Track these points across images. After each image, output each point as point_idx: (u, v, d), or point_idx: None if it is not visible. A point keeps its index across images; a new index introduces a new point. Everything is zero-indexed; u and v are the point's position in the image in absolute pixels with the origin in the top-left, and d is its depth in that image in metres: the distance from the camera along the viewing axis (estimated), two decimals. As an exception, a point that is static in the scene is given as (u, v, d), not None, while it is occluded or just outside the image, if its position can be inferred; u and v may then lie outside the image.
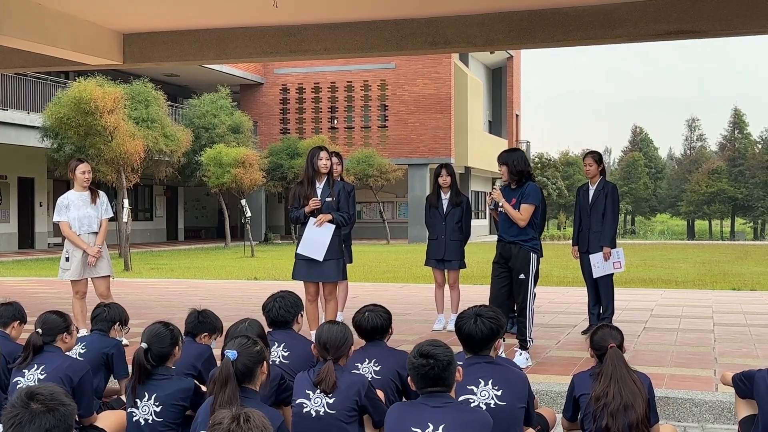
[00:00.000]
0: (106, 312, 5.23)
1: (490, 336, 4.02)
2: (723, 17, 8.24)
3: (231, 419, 2.59)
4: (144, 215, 36.38)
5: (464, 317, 4.07)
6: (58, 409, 2.52)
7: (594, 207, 8.38)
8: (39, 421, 2.48)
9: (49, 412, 2.50)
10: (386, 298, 11.25)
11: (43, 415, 2.49)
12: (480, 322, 4.00)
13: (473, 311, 4.08)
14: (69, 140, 21.65)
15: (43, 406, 2.51)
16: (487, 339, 4.02)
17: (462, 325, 4.05)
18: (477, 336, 4.00)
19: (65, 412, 2.54)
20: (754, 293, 12.93)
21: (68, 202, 7.91)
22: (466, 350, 4.10)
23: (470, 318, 4.04)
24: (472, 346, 4.05)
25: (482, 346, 4.03)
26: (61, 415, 2.52)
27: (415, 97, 36.55)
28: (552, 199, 59.82)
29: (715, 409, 5.65)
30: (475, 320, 4.01)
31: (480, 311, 4.07)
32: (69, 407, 2.56)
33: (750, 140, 77.20)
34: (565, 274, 16.35)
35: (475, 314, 4.05)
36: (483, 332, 4.00)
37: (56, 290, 13.19)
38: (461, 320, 4.08)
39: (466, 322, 4.03)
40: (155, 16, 9.39)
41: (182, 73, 34.45)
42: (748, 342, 8.00)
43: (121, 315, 5.31)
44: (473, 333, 4.00)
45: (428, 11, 8.97)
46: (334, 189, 7.43)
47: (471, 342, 4.04)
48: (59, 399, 2.56)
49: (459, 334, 4.08)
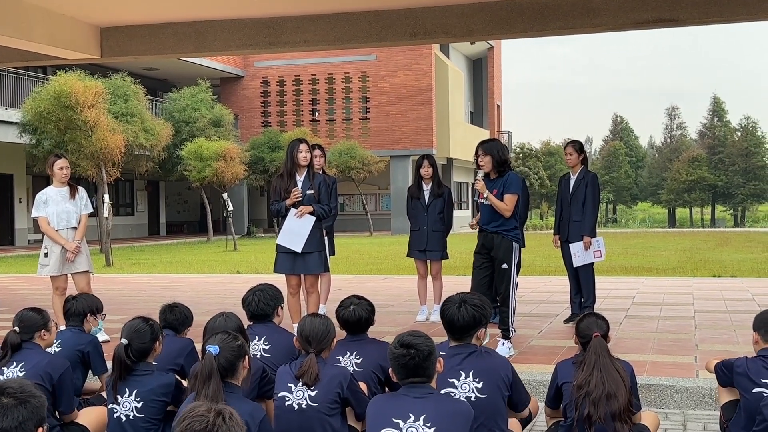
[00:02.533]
0: (75, 305, 5.15)
1: (471, 323, 4.01)
2: (700, 5, 8.28)
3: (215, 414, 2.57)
4: (125, 210, 36.17)
5: (450, 302, 4.07)
6: (30, 401, 2.52)
7: (574, 196, 8.41)
8: (11, 414, 2.47)
9: (21, 404, 2.50)
10: (369, 290, 11.25)
11: (15, 408, 2.48)
12: (464, 309, 4.00)
13: (459, 297, 4.08)
14: (48, 135, 21.48)
15: (14, 399, 2.51)
16: (468, 326, 4.02)
17: (446, 309, 4.05)
18: (458, 322, 4.00)
19: (36, 404, 2.54)
20: (735, 280, 13.03)
21: (47, 198, 7.85)
22: (449, 336, 4.10)
23: (455, 303, 4.04)
24: (453, 331, 4.06)
25: (463, 332, 4.03)
26: (33, 407, 2.52)
27: (396, 88, 36.51)
28: (534, 189, 59.98)
29: (696, 396, 5.70)
30: (459, 306, 4.01)
31: (465, 297, 4.07)
32: (40, 399, 2.56)
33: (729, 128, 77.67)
34: (548, 264, 16.41)
35: (460, 300, 4.04)
36: (465, 319, 3.99)
37: (37, 287, 13.09)
38: (446, 305, 4.07)
39: (450, 307, 4.04)
40: (133, 9, 9.32)
41: (161, 66, 34.23)
42: (729, 328, 8.06)
43: (92, 304, 5.21)
44: (455, 319, 4.01)
45: (408, 2, 8.96)
46: (315, 181, 7.42)
47: (452, 328, 4.04)
48: (29, 391, 2.56)
49: (442, 318, 4.09)
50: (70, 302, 5.20)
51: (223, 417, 2.56)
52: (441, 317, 4.12)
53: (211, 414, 2.56)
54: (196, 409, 2.59)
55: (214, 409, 2.57)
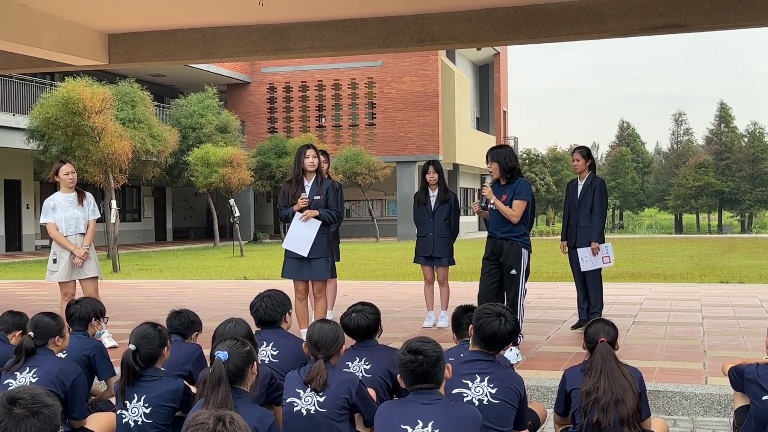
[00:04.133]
0: (78, 310, 5.16)
1: (512, 337, 4.01)
2: (708, 11, 8.27)
3: (215, 420, 2.57)
4: (132, 216, 36.23)
5: (488, 314, 3.99)
6: (42, 411, 2.49)
7: (582, 202, 8.40)
8: (24, 425, 2.44)
9: (33, 415, 2.47)
10: (376, 296, 11.24)
11: (27, 420, 2.45)
12: (506, 323, 3.96)
13: (496, 310, 4.01)
14: (56, 141, 21.52)
15: (27, 410, 2.47)
16: (508, 340, 4.01)
17: (487, 322, 3.96)
18: (501, 336, 3.95)
19: (49, 413, 2.51)
20: (742, 286, 12.99)
21: (55, 204, 7.87)
22: (480, 346, 4.02)
23: (495, 317, 3.96)
24: (491, 344, 3.98)
25: (501, 345, 4.00)
26: (46, 417, 2.49)
27: (402, 94, 36.53)
28: (540, 195, 59.93)
29: (705, 402, 5.67)
30: (500, 320, 3.95)
31: (502, 311, 4.00)
32: (53, 408, 2.53)
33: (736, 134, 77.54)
34: (555, 270, 16.38)
35: (498, 313, 3.98)
36: (507, 332, 3.96)
37: (45, 292, 13.11)
38: (486, 317, 3.98)
39: (491, 321, 3.95)
40: (140, 16, 9.35)
41: (168, 73, 34.32)
42: (737, 334, 8.03)
43: (95, 308, 5.22)
44: (498, 333, 3.95)
45: (414, 8, 8.96)
46: (323, 187, 7.43)
47: (493, 341, 3.97)
48: (42, 401, 2.52)
49: (480, 330, 3.98)
50: (74, 307, 5.21)
51: (224, 422, 2.56)
52: (478, 329, 4.00)
53: (211, 420, 2.56)
54: (197, 418, 2.60)
55: (214, 416, 2.57)
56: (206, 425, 2.53)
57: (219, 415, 2.58)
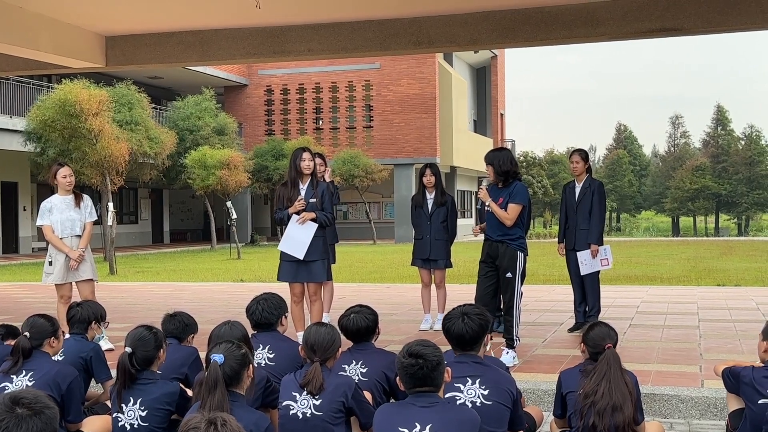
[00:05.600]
0: (79, 312, 5.17)
1: (480, 333, 4.04)
2: (704, 14, 8.28)
3: (207, 423, 2.57)
4: (129, 218, 36.19)
5: (451, 318, 4.08)
6: (44, 412, 2.52)
7: (581, 204, 8.41)
8: (26, 425, 2.47)
9: (36, 415, 2.50)
10: (373, 299, 11.24)
11: (29, 419, 2.48)
12: (468, 320, 4.02)
13: (459, 311, 4.09)
14: (53, 143, 21.50)
15: (29, 410, 2.50)
16: (477, 336, 4.04)
17: (451, 325, 4.05)
18: (468, 335, 4.01)
19: (50, 415, 2.53)
20: (739, 289, 13.00)
21: (51, 206, 7.86)
22: (456, 350, 4.10)
23: (458, 318, 4.04)
24: (463, 345, 4.06)
25: (473, 343, 4.05)
26: (47, 418, 2.52)
27: (399, 97, 36.56)
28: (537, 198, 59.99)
29: (701, 405, 5.68)
30: (463, 319, 4.02)
31: (465, 310, 4.08)
32: (53, 410, 2.56)
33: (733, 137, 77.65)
34: (551, 272, 16.39)
35: (461, 313, 4.06)
36: (473, 329, 4.01)
37: (41, 295, 13.10)
38: (449, 321, 4.08)
39: (454, 323, 4.04)
40: (138, 19, 9.34)
41: (166, 75, 34.31)
42: (733, 337, 8.04)
43: (96, 312, 5.23)
44: (463, 332, 4.02)
45: (412, 11, 8.97)
46: (318, 189, 7.43)
47: (462, 341, 4.05)
48: (44, 402, 2.55)
49: (448, 334, 4.08)
50: (75, 309, 5.21)
51: (215, 425, 2.56)
52: (446, 334, 4.11)
53: (203, 424, 2.56)
54: (189, 422, 2.60)
55: (206, 419, 2.57)
56: (198, 429, 2.54)
57: (211, 418, 2.58)
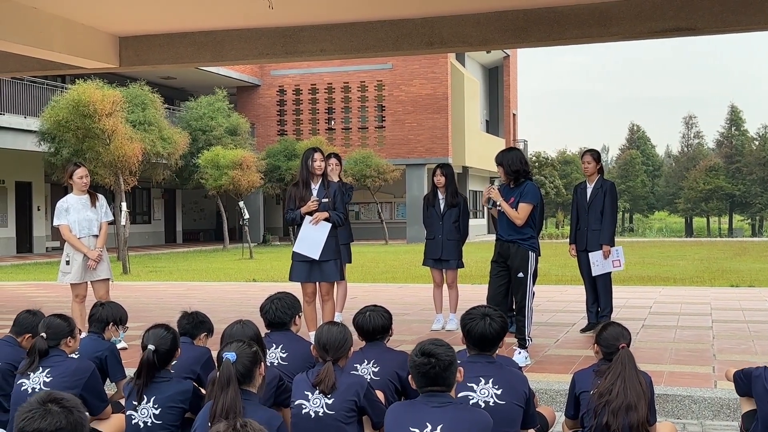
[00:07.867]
0: (100, 311, 5.18)
1: (501, 334, 4.07)
2: (718, 14, 8.25)
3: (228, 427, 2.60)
4: (142, 218, 36.34)
5: (474, 318, 4.08)
6: (73, 412, 2.54)
7: (592, 205, 8.39)
8: (51, 418, 2.49)
9: (63, 412, 2.52)
10: (385, 299, 11.25)
11: (57, 414, 2.50)
12: (491, 322, 4.04)
13: (480, 311, 4.09)
14: (66, 144, 21.63)
15: (59, 406, 2.53)
16: (498, 338, 4.07)
17: (473, 325, 4.05)
18: (490, 335, 4.03)
19: (78, 418, 2.55)
20: (753, 290, 12.94)
21: (68, 206, 7.91)
22: (474, 350, 4.10)
23: (480, 318, 4.05)
24: (483, 345, 4.06)
25: (492, 345, 4.06)
26: (75, 419, 2.53)
27: (412, 97, 36.55)
28: (550, 198, 59.84)
29: (714, 406, 5.66)
30: (486, 320, 4.04)
31: (486, 311, 4.09)
32: (83, 416, 2.58)
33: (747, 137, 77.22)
34: (564, 273, 16.36)
35: (483, 315, 4.06)
36: (495, 331, 4.04)
37: (55, 294, 13.17)
38: (471, 321, 4.08)
39: (477, 323, 4.04)
40: (151, 19, 9.40)
41: (178, 75, 34.42)
42: (747, 338, 8.01)
43: (116, 314, 5.23)
44: (486, 333, 4.02)
45: (424, 11, 8.98)
46: (330, 189, 7.45)
47: (483, 342, 4.05)
48: (77, 405, 2.58)
49: (469, 334, 4.08)
50: (97, 308, 5.23)
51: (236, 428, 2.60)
52: (467, 334, 4.10)
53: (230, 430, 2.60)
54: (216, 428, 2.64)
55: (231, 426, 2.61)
56: None
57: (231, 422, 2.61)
